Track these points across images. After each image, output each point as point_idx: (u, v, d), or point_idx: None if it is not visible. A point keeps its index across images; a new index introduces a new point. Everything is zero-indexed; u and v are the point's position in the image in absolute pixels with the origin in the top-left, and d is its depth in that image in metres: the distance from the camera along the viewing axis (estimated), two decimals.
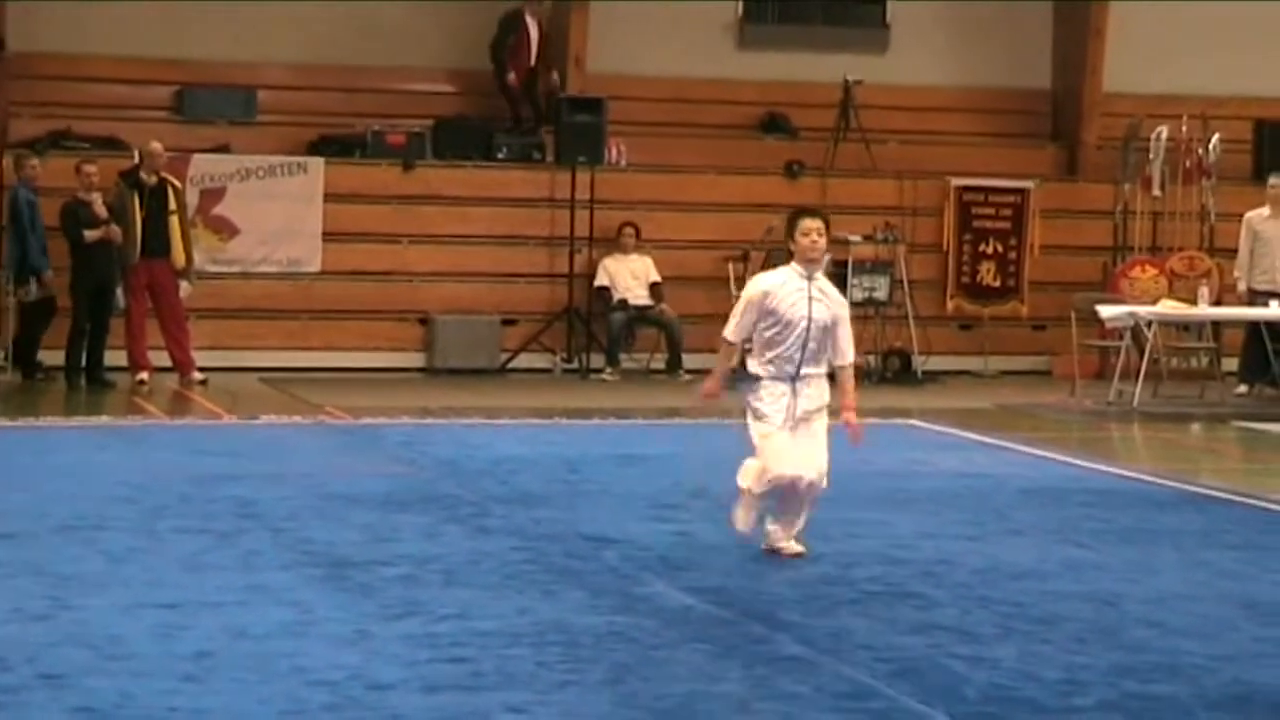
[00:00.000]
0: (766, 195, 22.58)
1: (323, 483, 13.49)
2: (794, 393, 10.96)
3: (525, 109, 22.98)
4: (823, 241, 10.88)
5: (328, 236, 21.69)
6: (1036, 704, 7.95)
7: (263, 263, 21.55)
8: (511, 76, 22.77)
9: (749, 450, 11.38)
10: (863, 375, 21.32)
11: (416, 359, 21.81)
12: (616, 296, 21.88)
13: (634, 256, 22.05)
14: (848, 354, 11.15)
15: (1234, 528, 12.73)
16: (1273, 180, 21.62)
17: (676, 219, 22.41)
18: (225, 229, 21.50)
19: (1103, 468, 15.43)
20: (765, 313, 10.91)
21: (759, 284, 11.09)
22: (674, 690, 8.01)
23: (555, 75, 22.84)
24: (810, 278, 10.87)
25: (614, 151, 22.67)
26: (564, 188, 21.91)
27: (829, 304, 10.91)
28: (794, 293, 10.86)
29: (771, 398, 10.94)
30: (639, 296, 21.96)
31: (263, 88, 22.61)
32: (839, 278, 21.55)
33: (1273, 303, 20.49)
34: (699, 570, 10.66)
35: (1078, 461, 15.71)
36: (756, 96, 23.82)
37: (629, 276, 21.97)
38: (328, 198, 21.71)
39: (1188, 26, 23.96)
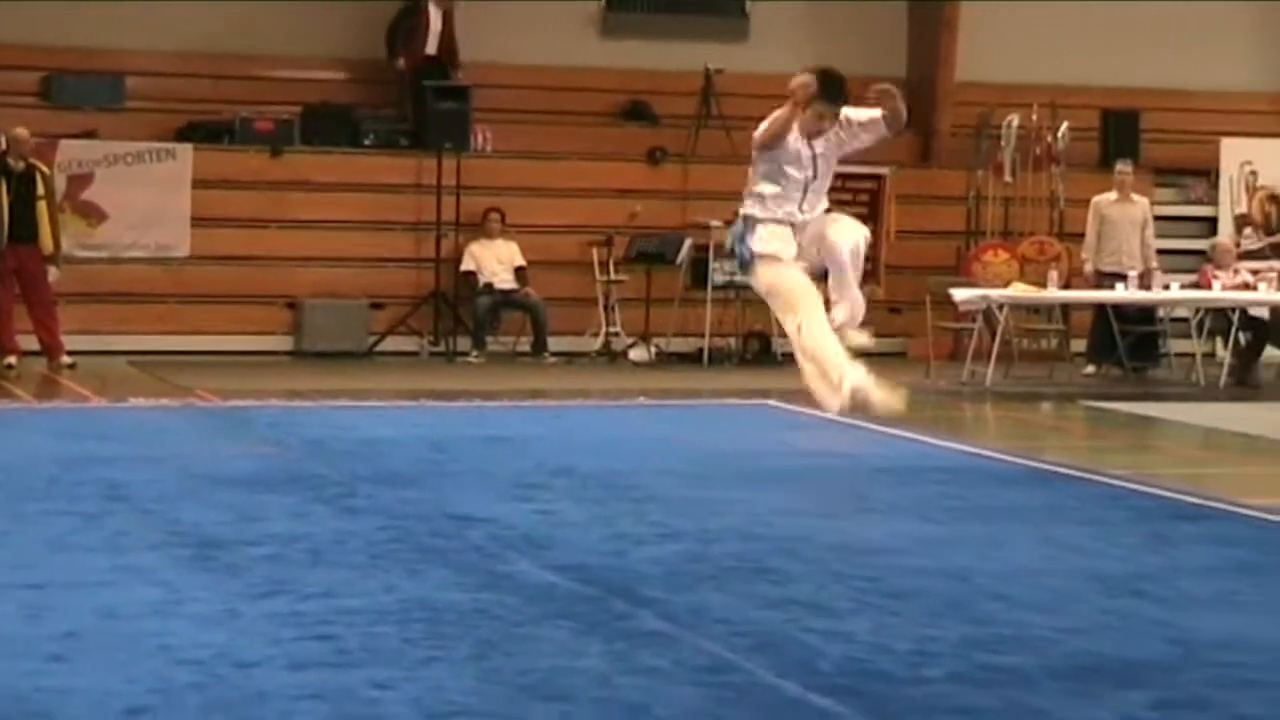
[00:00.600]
0: (629, 181, 22.63)
1: (191, 464, 13.36)
2: (796, 231, 10.84)
3: (408, 102, 22.88)
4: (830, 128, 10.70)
5: (196, 222, 21.52)
6: (889, 675, 8.00)
7: (131, 248, 21.35)
8: (401, 62, 22.69)
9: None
10: (725, 355, 21.54)
11: (285, 342, 21.69)
12: (482, 281, 21.84)
13: (499, 241, 22.00)
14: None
15: (1080, 504, 12.84)
16: (1119, 166, 21.89)
17: (541, 204, 22.37)
18: (94, 214, 21.29)
19: (955, 446, 15.53)
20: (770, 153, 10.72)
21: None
22: (537, 665, 8.00)
23: (460, 73, 22.74)
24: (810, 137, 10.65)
25: (480, 138, 22.61)
26: (430, 174, 21.83)
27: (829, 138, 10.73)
28: (796, 143, 10.69)
29: (775, 237, 10.69)
30: (504, 281, 21.92)
31: (131, 74, 22.38)
32: (701, 262, 21.69)
33: (1119, 285, 20.72)
34: (562, 548, 10.64)
35: (931, 440, 15.80)
36: (620, 84, 23.81)
37: (494, 261, 21.92)
38: (196, 183, 21.54)
39: (1037, 18, 24.15)
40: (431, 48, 22.79)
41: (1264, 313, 21.06)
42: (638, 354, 21.76)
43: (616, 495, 12.54)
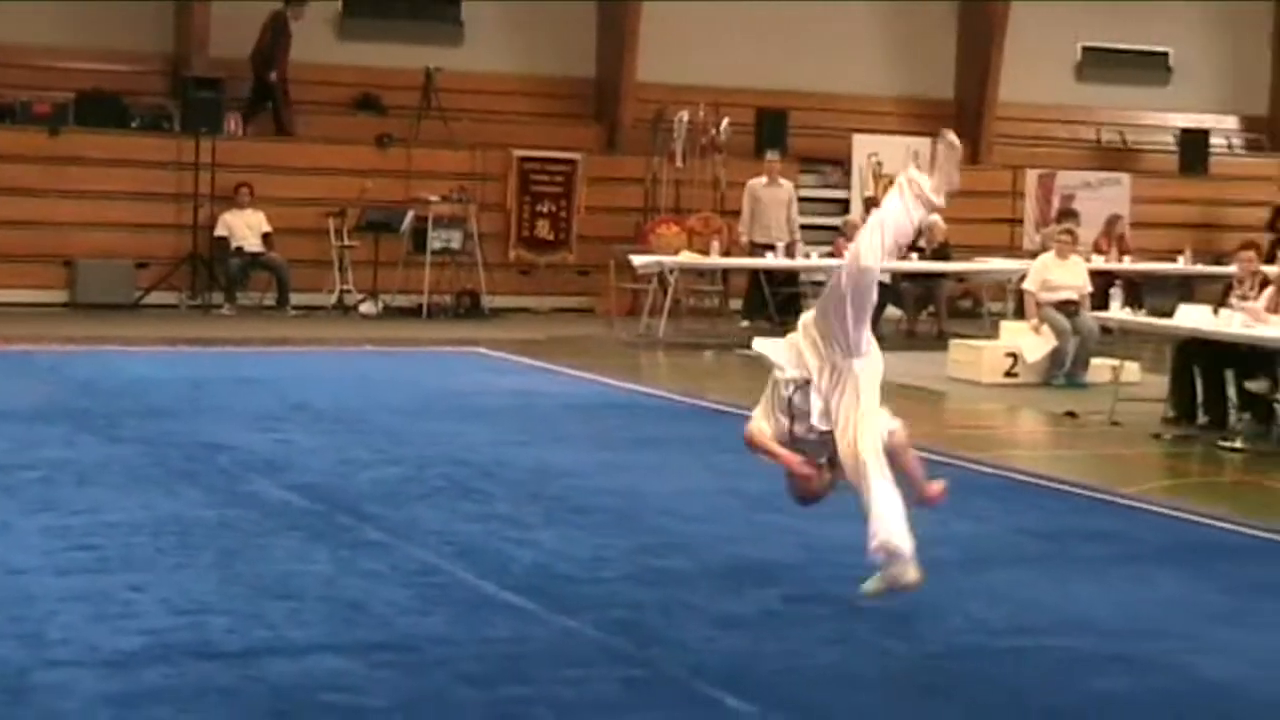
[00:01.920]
0: (360, 162, 22.39)
1: None
2: None
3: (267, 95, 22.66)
4: None
5: None
6: (570, 577, 8.05)
7: None
8: (274, 74, 22.38)
9: None
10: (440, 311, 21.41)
11: (62, 295, 21.11)
12: (234, 244, 21.47)
13: (249, 211, 21.63)
14: None
15: (734, 435, 12.90)
16: (769, 156, 22.20)
17: (285, 180, 22.01)
18: None
19: (632, 387, 15.62)
20: None
21: None
22: (272, 570, 7.94)
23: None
24: None
25: (232, 123, 22.23)
26: (189, 153, 21.38)
27: None
28: None
29: None
30: (253, 244, 21.56)
31: None
32: (421, 231, 21.54)
33: (769, 254, 20.99)
34: (297, 471, 10.55)
35: (612, 382, 15.88)
36: (354, 79, 23.49)
37: (244, 228, 21.55)
38: None
39: (705, 30, 24.28)
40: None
41: (886, 278, 21.41)
42: (367, 308, 21.57)
43: (346, 427, 12.45)
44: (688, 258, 20.78)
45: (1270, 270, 14.92)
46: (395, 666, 6.56)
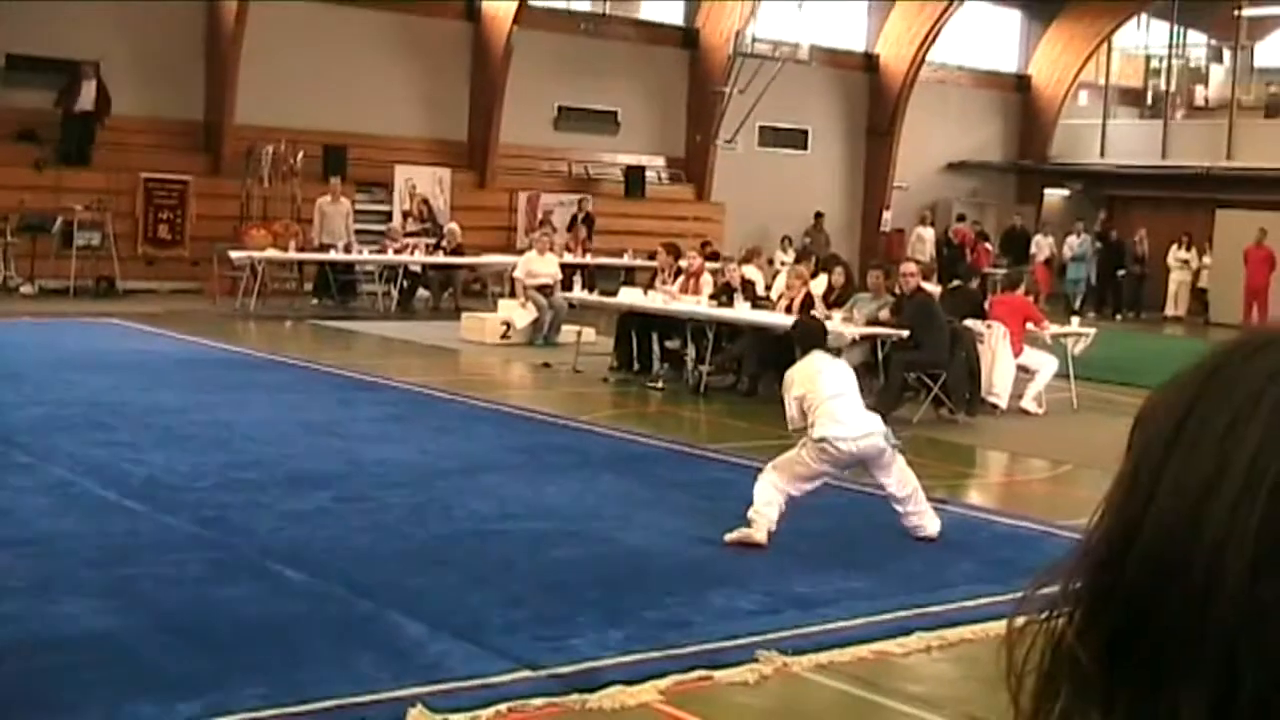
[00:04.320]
0: (21, 180, 20.93)
1: None
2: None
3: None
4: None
5: None
6: (174, 486, 7.76)
7: None
8: (61, 110, 21.18)
9: None
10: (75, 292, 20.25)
11: None
12: None
13: None
14: None
15: (302, 381, 12.68)
16: (333, 180, 21.74)
17: None
18: None
19: (228, 347, 15.09)
20: None
21: None
22: None
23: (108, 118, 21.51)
24: None
25: None
26: None
27: None
28: None
29: None
30: None
31: None
32: (68, 232, 20.31)
33: (333, 250, 20.63)
34: None
35: (213, 343, 15.32)
36: (18, 119, 21.85)
37: None
38: None
39: (286, 85, 23.53)
40: (87, 104, 21.32)
41: (418, 268, 21.35)
42: (26, 289, 20.24)
43: (2, 378, 11.65)
44: (272, 253, 20.24)
45: (683, 263, 15.39)
46: (34, 556, 6.21)
